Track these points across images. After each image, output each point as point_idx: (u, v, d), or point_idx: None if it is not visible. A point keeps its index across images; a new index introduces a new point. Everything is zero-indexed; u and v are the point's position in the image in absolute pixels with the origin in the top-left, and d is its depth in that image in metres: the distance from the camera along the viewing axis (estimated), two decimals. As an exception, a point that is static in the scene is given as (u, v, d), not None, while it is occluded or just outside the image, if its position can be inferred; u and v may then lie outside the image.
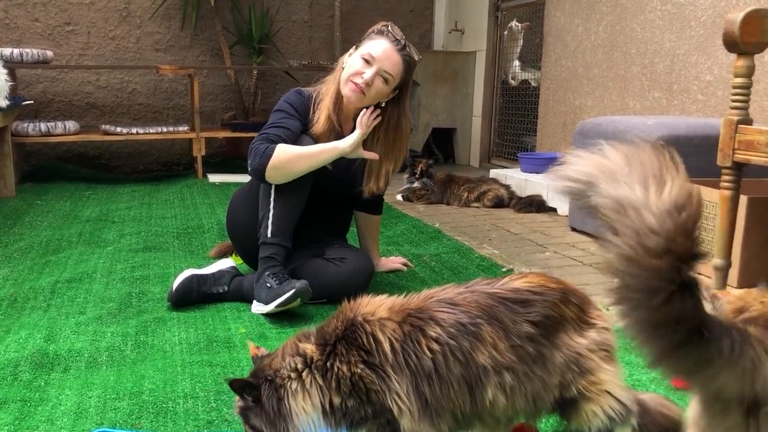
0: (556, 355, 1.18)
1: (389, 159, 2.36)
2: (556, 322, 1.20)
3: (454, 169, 5.28)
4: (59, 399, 1.61)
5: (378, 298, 1.25)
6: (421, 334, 1.16)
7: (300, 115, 2.29)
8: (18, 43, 5.12)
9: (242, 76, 5.75)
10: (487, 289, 1.22)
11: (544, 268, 2.75)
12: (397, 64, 2.23)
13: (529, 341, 1.17)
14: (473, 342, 1.15)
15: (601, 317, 1.25)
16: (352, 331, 1.18)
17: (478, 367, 1.15)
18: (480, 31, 5.68)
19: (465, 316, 1.17)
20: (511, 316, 1.18)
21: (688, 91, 3.51)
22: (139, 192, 4.46)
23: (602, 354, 1.21)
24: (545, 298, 1.20)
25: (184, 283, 2.25)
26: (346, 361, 1.16)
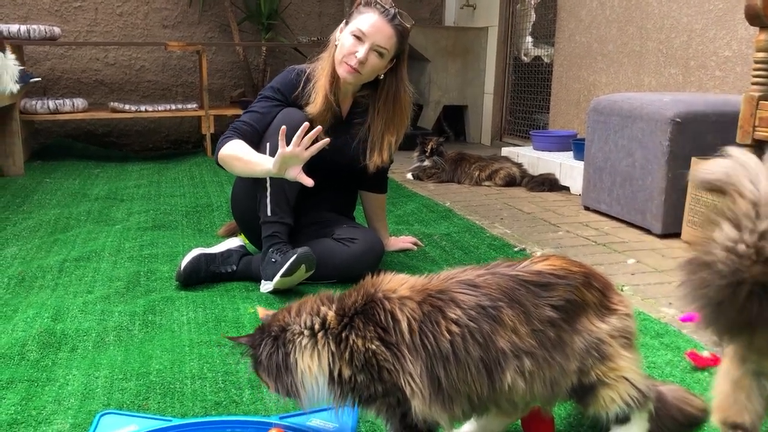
0: (577, 341, 1.15)
1: (391, 130, 2.32)
2: (577, 307, 1.16)
3: (465, 147, 5.22)
4: (66, 379, 1.59)
5: (399, 276, 1.23)
6: (441, 315, 1.14)
7: (279, 94, 2.26)
8: (25, 20, 5.08)
9: (251, 52, 5.69)
10: (508, 271, 1.18)
11: (556, 247, 2.71)
12: (390, 36, 2.17)
13: (551, 326, 1.14)
14: (493, 325, 1.13)
15: (623, 303, 1.22)
16: (371, 307, 1.16)
17: (497, 351, 1.12)
18: (492, 6, 5.59)
19: (486, 298, 1.14)
20: (532, 299, 1.15)
21: (705, 67, 3.43)
22: (148, 170, 4.44)
23: (622, 341, 1.18)
24: (568, 281, 1.17)
25: (192, 262, 2.23)
26: (362, 335, 1.14)
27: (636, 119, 2.94)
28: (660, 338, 1.81)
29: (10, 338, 1.80)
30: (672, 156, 2.76)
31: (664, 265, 2.49)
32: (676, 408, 1.30)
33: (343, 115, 2.34)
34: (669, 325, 1.90)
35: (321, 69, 2.26)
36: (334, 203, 2.46)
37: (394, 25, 2.17)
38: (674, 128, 2.74)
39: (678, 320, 1.95)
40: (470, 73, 5.74)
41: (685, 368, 1.64)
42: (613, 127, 3.09)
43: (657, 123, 2.80)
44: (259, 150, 2.17)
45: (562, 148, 4.17)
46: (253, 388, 1.55)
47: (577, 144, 3.83)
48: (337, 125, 2.30)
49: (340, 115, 2.33)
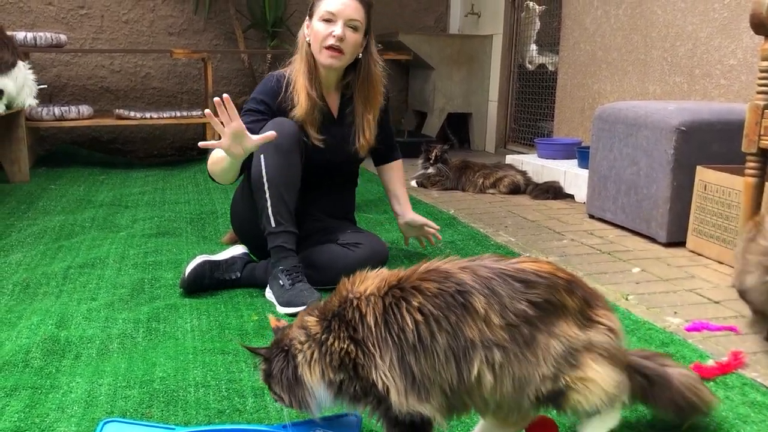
0: (552, 344, 1.14)
1: (368, 109, 2.34)
2: (556, 309, 1.15)
3: (470, 155, 5.22)
4: (70, 386, 1.59)
5: (374, 273, 1.26)
6: (405, 303, 1.15)
7: (263, 105, 2.27)
8: (32, 27, 5.11)
9: (256, 60, 5.71)
10: (490, 264, 1.19)
11: (561, 255, 2.70)
12: (358, 8, 2.21)
13: (525, 322, 1.13)
14: (461, 313, 1.13)
15: (608, 318, 1.20)
16: (344, 308, 1.20)
17: (466, 340, 1.12)
18: (497, 14, 5.60)
19: (453, 284, 1.15)
20: (509, 292, 1.14)
21: (710, 76, 3.43)
22: (153, 177, 4.45)
23: (597, 355, 1.16)
24: (549, 282, 1.16)
25: (196, 269, 2.22)
26: (337, 336, 1.18)
27: (641, 127, 2.93)
28: (665, 347, 1.80)
29: (14, 345, 1.80)
30: (677, 164, 2.75)
31: (670, 274, 2.48)
32: (680, 393, 1.28)
33: (333, 112, 2.35)
34: (674, 335, 1.89)
35: (297, 70, 2.28)
36: (335, 207, 2.47)
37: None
38: (679, 137, 2.73)
39: (683, 330, 1.94)
40: (475, 80, 5.74)
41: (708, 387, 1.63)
42: (618, 136, 3.09)
43: (662, 131, 2.80)
44: (253, 163, 2.18)
45: (567, 156, 4.17)
46: (256, 396, 1.55)
47: (582, 152, 3.83)
48: (329, 124, 2.32)
49: (329, 113, 2.34)
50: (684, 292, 2.28)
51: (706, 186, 2.63)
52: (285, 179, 2.16)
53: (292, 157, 2.18)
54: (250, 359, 1.73)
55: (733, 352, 1.72)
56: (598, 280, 2.40)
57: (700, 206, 2.66)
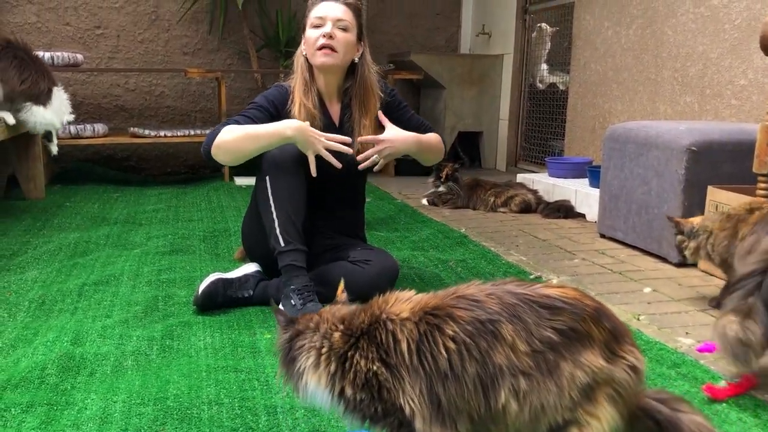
0: (578, 374, 1.12)
1: (364, 113, 2.35)
2: (582, 338, 1.14)
3: (480, 173, 5.24)
4: (85, 403, 1.61)
5: (406, 295, 1.26)
6: (438, 332, 1.15)
7: (272, 107, 2.31)
8: (49, 47, 5.19)
9: (269, 79, 5.76)
10: (515, 289, 1.18)
11: (572, 275, 2.71)
12: (345, 10, 2.27)
13: (550, 349, 1.13)
14: (491, 340, 1.13)
15: (634, 355, 1.18)
16: (375, 328, 1.19)
17: (494, 367, 1.12)
18: (508, 34, 5.64)
19: (484, 312, 1.15)
20: (535, 318, 1.14)
21: (721, 96, 3.44)
22: (166, 194, 4.49)
23: (612, 392, 1.15)
24: (575, 310, 1.16)
25: (209, 287, 2.25)
26: (365, 356, 1.17)
27: (652, 147, 2.94)
28: (677, 368, 1.80)
29: (30, 362, 1.82)
30: (688, 184, 2.76)
31: (681, 294, 2.48)
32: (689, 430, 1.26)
33: (335, 121, 2.38)
34: (686, 355, 1.89)
35: (294, 82, 2.34)
36: (345, 225, 2.48)
37: (344, 2, 2.28)
38: (690, 157, 2.74)
39: (695, 350, 1.93)
40: (485, 99, 5.77)
41: (702, 399, 1.63)
42: (629, 155, 3.10)
43: (673, 151, 2.81)
44: (257, 186, 2.22)
45: (578, 175, 4.18)
46: (269, 414, 1.56)
47: (593, 171, 3.84)
48: (330, 132, 2.33)
49: (331, 122, 2.36)
50: (696, 313, 2.28)
51: (718, 206, 2.63)
52: (291, 198, 2.18)
53: (297, 177, 2.20)
54: (262, 377, 1.75)
55: (745, 374, 1.71)
56: (610, 300, 2.40)
57: (712, 226, 2.66)
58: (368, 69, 2.36)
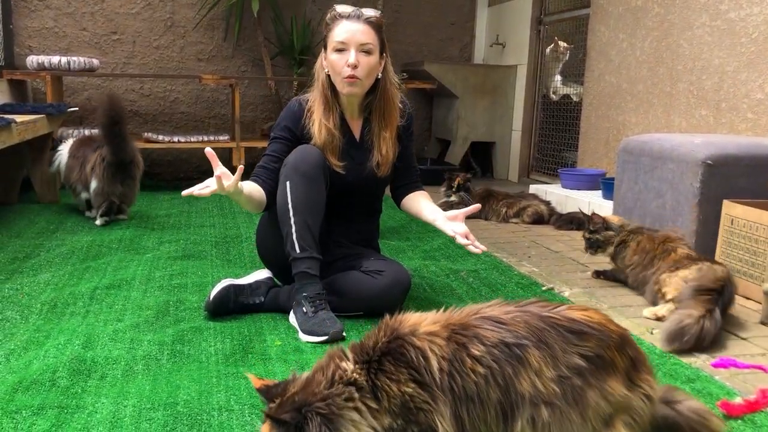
0: (602, 404, 1.11)
1: (384, 125, 2.33)
2: (608, 366, 1.12)
3: (493, 184, 5.23)
4: (95, 407, 1.61)
5: (417, 313, 1.21)
6: (466, 353, 1.10)
7: (289, 133, 2.31)
8: (66, 51, 5.24)
9: (283, 86, 5.79)
10: (540, 311, 1.15)
11: (585, 288, 2.69)
12: (367, 32, 2.21)
13: (578, 375, 1.10)
14: (516, 366, 1.10)
15: (649, 384, 1.17)
16: (399, 346, 1.11)
17: (516, 395, 1.09)
18: (522, 44, 5.63)
19: (511, 335, 1.11)
20: (562, 344, 1.11)
21: (737, 109, 3.42)
22: (179, 200, 4.50)
23: (630, 420, 1.14)
24: (602, 336, 1.13)
25: (221, 293, 2.25)
26: (396, 379, 1.09)
27: (666, 160, 2.92)
28: (691, 383, 1.78)
29: (41, 364, 1.82)
30: (703, 198, 2.74)
31: (695, 309, 2.45)
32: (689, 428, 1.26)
33: (356, 137, 2.37)
34: (700, 371, 1.87)
35: (313, 101, 2.31)
36: (359, 233, 2.47)
37: (365, 21, 2.23)
38: (705, 170, 2.72)
39: (710, 365, 1.91)
40: (499, 110, 5.77)
41: (718, 416, 1.60)
42: (644, 168, 3.08)
43: (688, 165, 2.79)
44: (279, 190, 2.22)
45: (591, 187, 4.16)
46: (279, 422, 1.55)
47: (606, 183, 3.82)
48: (351, 148, 2.33)
49: (352, 137, 2.35)
50: (710, 328, 2.25)
51: (733, 220, 2.61)
52: (310, 206, 2.18)
53: (317, 184, 2.20)
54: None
55: (762, 389, 1.69)
56: (623, 313, 2.38)
57: (727, 241, 2.64)
58: (389, 82, 2.34)
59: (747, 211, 2.55)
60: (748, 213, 2.54)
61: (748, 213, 2.54)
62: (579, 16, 5.00)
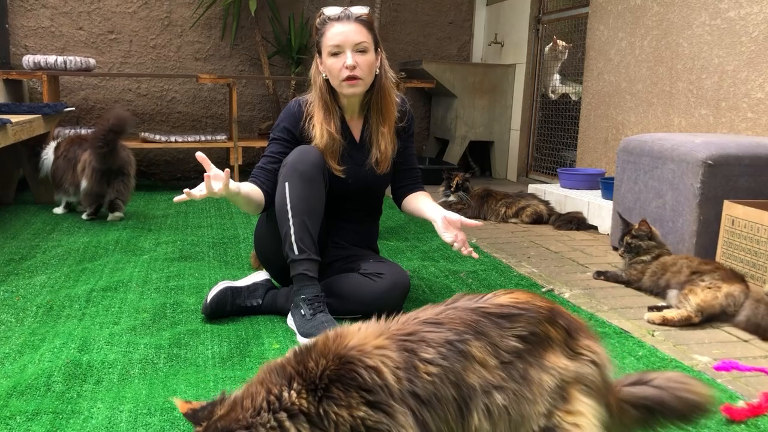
0: (545, 378, 1.13)
1: (382, 120, 2.31)
2: (542, 341, 1.15)
3: (491, 183, 5.22)
4: (91, 412, 1.59)
5: (356, 327, 1.16)
6: (417, 358, 1.10)
7: (289, 134, 2.30)
8: (62, 51, 5.22)
9: (280, 86, 5.77)
10: (470, 304, 1.17)
11: (585, 288, 2.67)
12: (359, 31, 2.19)
13: (518, 357, 1.12)
14: (464, 361, 1.11)
15: (591, 349, 1.18)
16: (349, 370, 1.06)
17: (468, 388, 1.10)
18: (520, 43, 5.62)
19: (452, 333, 1.12)
20: (497, 330, 1.13)
21: (737, 109, 3.40)
22: (176, 200, 4.48)
23: (584, 387, 1.15)
24: (531, 314, 1.16)
25: (218, 296, 2.23)
26: (346, 404, 1.04)
27: (667, 160, 2.91)
28: (693, 387, 1.76)
29: (36, 368, 1.80)
30: (704, 198, 2.72)
31: (696, 310, 2.43)
32: (674, 397, 1.24)
33: (356, 137, 2.35)
34: (702, 374, 1.85)
35: (312, 105, 2.29)
36: (359, 235, 2.46)
37: (356, 20, 2.21)
38: (706, 170, 2.71)
39: (712, 368, 1.89)
40: (497, 109, 5.75)
41: (720, 420, 1.59)
42: (643, 168, 3.07)
43: (688, 165, 2.77)
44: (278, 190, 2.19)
45: (590, 187, 4.14)
46: (277, 427, 1.53)
47: (606, 183, 3.80)
48: (352, 150, 2.31)
49: (353, 138, 2.34)
50: (712, 329, 2.24)
51: (734, 221, 2.59)
52: (309, 207, 2.16)
53: (316, 186, 2.18)
54: None
55: (765, 393, 1.67)
56: (624, 314, 2.36)
57: (728, 241, 2.63)
58: (385, 76, 2.32)
59: (748, 211, 2.54)
60: (749, 213, 2.53)
61: (749, 213, 2.53)
62: (578, 14, 4.99)
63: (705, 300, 2.23)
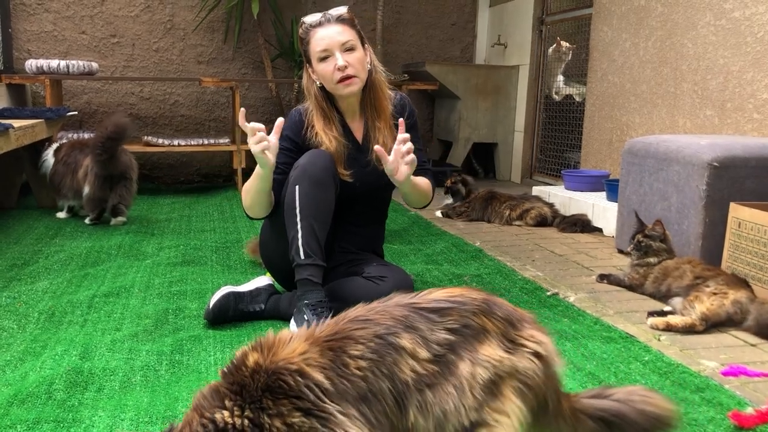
0: (478, 371, 1.10)
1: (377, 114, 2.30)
2: (477, 333, 1.13)
3: (495, 185, 5.20)
4: (92, 420, 1.57)
5: (284, 334, 1.16)
6: (345, 355, 1.09)
7: (291, 143, 2.29)
8: (65, 55, 5.21)
9: (283, 89, 5.76)
10: (401, 300, 1.17)
11: (590, 292, 2.65)
12: (342, 31, 2.20)
13: (450, 349, 1.10)
14: (394, 355, 1.10)
15: (536, 339, 1.15)
16: (275, 380, 1.06)
17: (401, 383, 1.09)
18: (523, 45, 5.60)
19: (381, 328, 1.11)
20: (428, 324, 1.12)
21: (742, 110, 3.37)
22: (179, 204, 4.47)
23: (519, 384, 1.12)
24: (463, 306, 1.14)
25: (220, 301, 2.21)
26: (277, 413, 1.04)
27: (672, 162, 2.88)
28: (701, 393, 1.74)
29: (38, 376, 1.79)
30: (710, 201, 2.70)
31: (703, 314, 2.41)
32: (634, 410, 1.22)
33: (358, 139, 2.34)
34: (710, 379, 1.83)
35: (312, 115, 2.28)
36: (365, 239, 2.44)
37: (337, 21, 2.21)
38: (712, 172, 2.68)
39: (720, 374, 1.87)
40: (501, 110, 5.73)
41: (728, 427, 1.57)
42: (648, 170, 3.04)
43: (694, 167, 2.75)
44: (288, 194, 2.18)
45: (595, 189, 4.12)
46: (279, 435, 1.51)
47: (610, 185, 3.78)
48: (357, 153, 2.30)
49: (356, 141, 2.33)
50: (719, 333, 2.21)
51: (740, 223, 2.57)
52: (318, 211, 2.14)
53: (327, 190, 2.16)
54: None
55: (773, 399, 1.65)
56: (629, 318, 2.34)
57: (734, 244, 2.60)
58: (376, 71, 2.32)
59: (755, 214, 2.51)
60: (756, 216, 2.50)
61: (756, 216, 2.50)
62: (581, 15, 4.96)
63: (710, 309, 2.21)
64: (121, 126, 3.55)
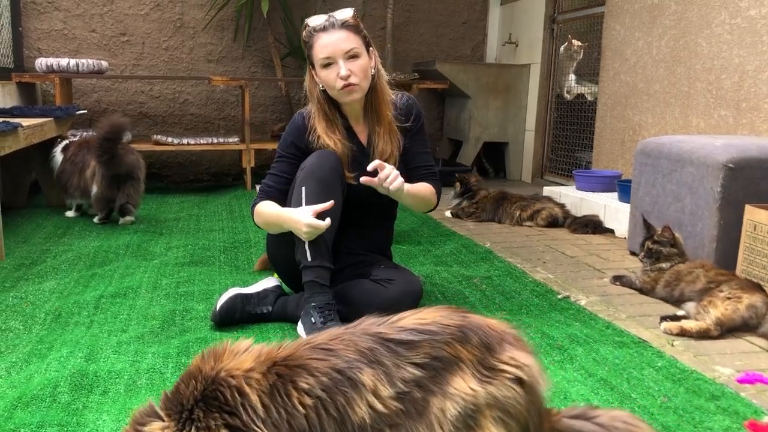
0: (448, 407, 1.04)
1: (378, 119, 2.27)
2: (449, 364, 1.06)
3: (506, 185, 5.16)
4: (96, 424, 1.56)
5: (243, 345, 1.12)
6: (292, 385, 1.03)
7: (296, 149, 2.26)
8: (75, 53, 5.22)
9: (293, 87, 5.73)
10: (369, 329, 1.11)
11: (602, 295, 2.61)
12: (347, 37, 2.15)
13: (417, 387, 1.04)
14: (350, 393, 1.03)
15: (517, 363, 1.09)
16: (212, 390, 1.03)
17: (353, 425, 1.02)
18: (535, 43, 5.55)
19: (341, 361, 1.05)
20: (393, 359, 1.05)
21: (758, 110, 3.32)
22: (188, 203, 4.46)
23: (498, 413, 1.06)
24: (434, 337, 1.08)
25: (228, 303, 2.19)
26: (204, 426, 1.01)
27: (686, 163, 2.84)
28: (716, 401, 1.70)
29: (43, 378, 1.77)
30: (724, 203, 2.65)
31: (717, 318, 2.37)
32: None
33: (363, 142, 2.31)
34: (725, 387, 1.79)
35: (314, 118, 2.25)
36: (372, 241, 2.41)
37: (342, 26, 2.16)
38: (727, 174, 2.64)
39: (735, 381, 1.83)
40: (511, 109, 5.69)
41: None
42: (662, 171, 3.00)
43: (708, 168, 2.70)
44: (293, 195, 2.16)
45: (607, 189, 4.07)
46: (285, 442, 1.49)
47: (623, 185, 3.73)
48: (360, 156, 2.27)
49: (360, 144, 2.30)
50: (734, 339, 2.17)
51: (756, 226, 2.52)
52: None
53: (333, 191, 2.14)
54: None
55: (791, 408, 1.61)
56: (642, 323, 2.30)
57: (749, 247, 2.55)
58: (378, 75, 2.28)
59: (770, 216, 2.47)
60: (772, 218, 2.46)
61: (772, 218, 2.46)
62: (593, 14, 4.91)
63: (725, 314, 2.16)
64: (116, 126, 3.53)
